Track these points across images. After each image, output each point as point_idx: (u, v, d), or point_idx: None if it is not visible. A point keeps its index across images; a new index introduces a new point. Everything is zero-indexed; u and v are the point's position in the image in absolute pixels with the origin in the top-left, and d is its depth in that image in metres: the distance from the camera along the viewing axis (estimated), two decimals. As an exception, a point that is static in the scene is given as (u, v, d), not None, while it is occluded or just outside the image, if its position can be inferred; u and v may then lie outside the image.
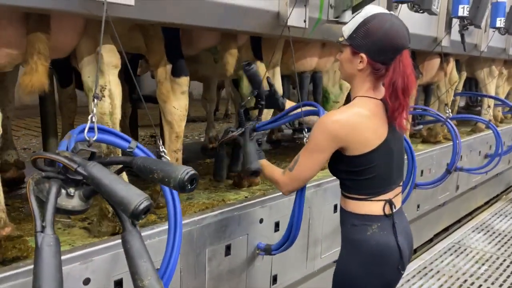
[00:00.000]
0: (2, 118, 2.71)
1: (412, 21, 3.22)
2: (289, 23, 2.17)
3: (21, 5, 1.47)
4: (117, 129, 1.92)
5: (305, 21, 2.23)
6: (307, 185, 2.02)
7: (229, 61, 2.39)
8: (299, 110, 2.15)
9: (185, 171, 1.26)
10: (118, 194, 1.17)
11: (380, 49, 1.66)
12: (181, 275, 2.04)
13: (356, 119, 1.69)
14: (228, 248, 2.25)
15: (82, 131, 1.47)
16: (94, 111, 1.48)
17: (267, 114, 2.77)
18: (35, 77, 1.62)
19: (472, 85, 6.53)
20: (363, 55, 1.68)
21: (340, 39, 1.75)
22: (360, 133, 1.68)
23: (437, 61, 4.14)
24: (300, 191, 1.98)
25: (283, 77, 2.98)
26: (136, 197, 1.15)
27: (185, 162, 2.82)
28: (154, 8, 1.70)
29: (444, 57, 3.98)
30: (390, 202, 1.76)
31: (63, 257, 1.64)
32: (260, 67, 2.71)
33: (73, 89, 3.00)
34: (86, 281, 1.70)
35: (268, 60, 2.78)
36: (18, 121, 6.57)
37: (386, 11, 1.70)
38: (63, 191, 1.27)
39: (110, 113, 1.90)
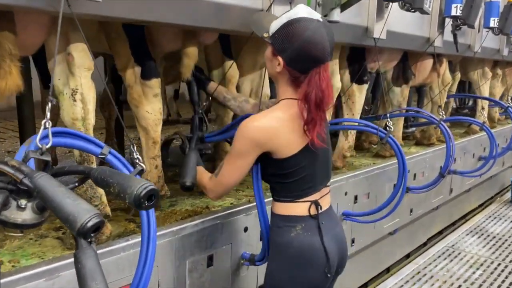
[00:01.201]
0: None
1: (404, 21, 3.15)
2: (273, 22, 2.07)
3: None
4: (91, 135, 1.82)
5: (290, 20, 2.13)
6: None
7: (185, 63, 2.24)
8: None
9: (142, 187, 1.15)
10: (65, 209, 1.05)
11: (296, 57, 1.61)
12: (159, 288, 1.93)
13: (277, 124, 1.66)
14: (210, 259, 2.14)
15: (44, 137, 1.36)
16: (49, 116, 1.36)
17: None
18: (10, 80, 1.53)
19: (463, 87, 6.48)
20: (280, 59, 1.63)
21: (265, 35, 1.69)
22: (282, 138, 1.66)
23: (430, 62, 4.06)
24: (260, 203, 1.93)
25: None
26: (84, 213, 1.03)
27: (174, 165, 2.72)
28: (124, 4, 1.58)
29: (437, 57, 3.90)
30: (316, 203, 1.75)
31: (26, 273, 1.54)
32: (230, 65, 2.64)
33: None
34: (53, 299, 1.59)
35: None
36: (6, 123, 6.45)
37: (314, 17, 1.60)
38: (13, 202, 1.15)
39: (82, 118, 1.79)
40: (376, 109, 4.53)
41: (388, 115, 3.10)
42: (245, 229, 2.30)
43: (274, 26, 1.65)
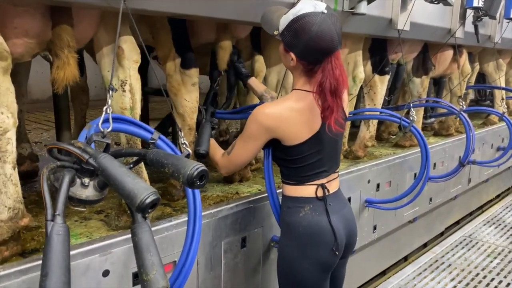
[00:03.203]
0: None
1: (426, 12, 3.19)
2: (304, 14, 2.14)
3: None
4: (138, 123, 1.93)
5: (321, 12, 2.20)
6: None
7: (220, 55, 2.37)
8: None
9: (195, 167, 1.25)
10: (126, 187, 1.17)
11: (307, 51, 1.69)
12: (197, 267, 2.04)
13: (287, 113, 1.76)
14: (243, 241, 2.25)
15: (104, 121, 1.47)
16: (109, 103, 1.48)
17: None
18: (68, 70, 1.62)
19: (481, 78, 6.45)
20: (293, 55, 1.72)
21: (275, 33, 1.77)
22: (290, 127, 1.76)
23: (450, 53, 4.09)
24: (269, 186, 2.09)
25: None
26: (143, 191, 1.15)
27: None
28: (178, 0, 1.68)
29: (458, 48, 3.93)
30: (322, 186, 1.85)
31: (83, 249, 1.66)
32: (259, 60, 2.74)
33: (85, 81, 3.00)
34: (105, 273, 1.71)
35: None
36: (29, 115, 6.61)
37: (319, 9, 1.66)
38: (78, 180, 1.28)
39: (131, 107, 1.89)
40: (396, 100, 4.57)
41: (411, 104, 3.15)
42: (275, 214, 2.40)
43: (282, 23, 1.73)
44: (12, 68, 1.52)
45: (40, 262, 1.52)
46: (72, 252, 1.62)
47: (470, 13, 3.55)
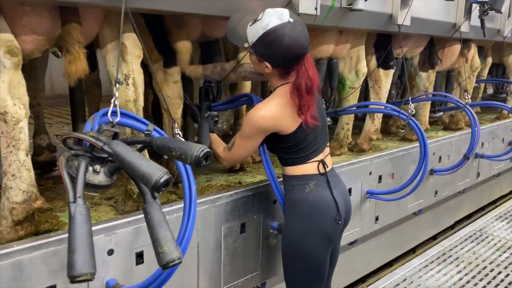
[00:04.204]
0: (34, 105, 2.89)
1: (430, 7, 3.23)
2: (300, 11, 2.23)
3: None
4: (141, 115, 2.05)
5: (316, 8, 2.29)
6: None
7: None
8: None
9: (200, 149, 1.38)
10: (141, 169, 1.29)
11: (281, 60, 1.84)
12: (198, 249, 2.17)
13: (278, 110, 1.91)
14: (243, 226, 2.37)
15: (105, 114, 1.61)
16: (117, 95, 1.61)
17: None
18: (79, 64, 1.77)
19: (499, 72, 6.37)
20: (267, 63, 1.86)
21: (245, 45, 1.89)
22: (283, 120, 1.92)
23: (457, 47, 4.09)
24: (270, 174, 2.25)
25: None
26: (157, 171, 1.27)
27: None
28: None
29: (464, 43, 3.94)
30: (322, 162, 2.02)
31: (89, 229, 1.81)
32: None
33: (97, 75, 3.12)
34: (110, 252, 1.85)
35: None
36: (51, 109, 6.89)
37: (285, 19, 1.77)
38: (90, 167, 1.40)
39: (134, 100, 2.03)
40: (406, 95, 4.59)
41: (410, 99, 3.20)
42: (274, 202, 2.51)
43: (252, 36, 1.85)
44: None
45: (50, 239, 1.70)
46: (80, 232, 1.79)
47: (475, 7, 3.56)
